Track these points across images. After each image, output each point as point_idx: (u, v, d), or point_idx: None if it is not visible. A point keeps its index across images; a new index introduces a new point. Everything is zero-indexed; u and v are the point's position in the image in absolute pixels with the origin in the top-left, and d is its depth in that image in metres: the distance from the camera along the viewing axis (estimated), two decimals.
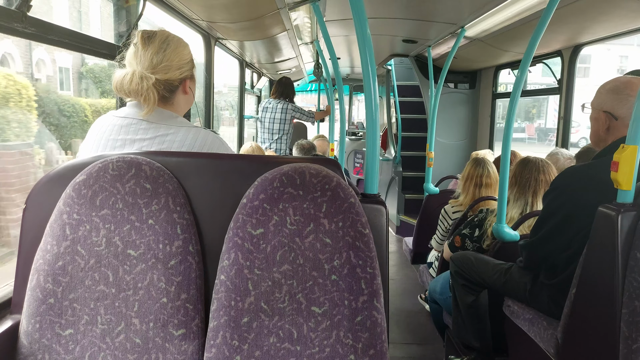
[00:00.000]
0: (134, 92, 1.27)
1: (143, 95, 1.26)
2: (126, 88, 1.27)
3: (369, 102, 1.37)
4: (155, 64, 1.29)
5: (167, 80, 1.31)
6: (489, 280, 2.07)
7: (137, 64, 1.29)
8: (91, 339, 1.10)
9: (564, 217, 1.70)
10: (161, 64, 1.30)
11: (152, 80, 1.27)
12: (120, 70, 1.29)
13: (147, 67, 1.28)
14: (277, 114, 4.69)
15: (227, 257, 1.10)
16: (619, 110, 1.67)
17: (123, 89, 1.27)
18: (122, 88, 1.28)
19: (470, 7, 2.91)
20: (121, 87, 1.28)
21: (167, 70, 1.31)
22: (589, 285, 1.51)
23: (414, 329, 3.31)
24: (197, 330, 1.13)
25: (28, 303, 1.11)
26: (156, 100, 1.29)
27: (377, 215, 1.21)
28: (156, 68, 1.29)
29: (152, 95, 1.27)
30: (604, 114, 1.71)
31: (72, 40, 1.58)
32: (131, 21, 2.05)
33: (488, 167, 2.88)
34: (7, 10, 1.25)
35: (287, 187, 1.11)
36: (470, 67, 5.13)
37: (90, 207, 1.11)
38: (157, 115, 1.31)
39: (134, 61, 1.29)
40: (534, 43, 2.13)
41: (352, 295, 1.09)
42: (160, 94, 1.31)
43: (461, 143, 5.42)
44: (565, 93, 3.58)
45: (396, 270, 4.50)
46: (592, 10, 2.55)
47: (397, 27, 3.82)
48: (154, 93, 1.28)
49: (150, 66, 1.29)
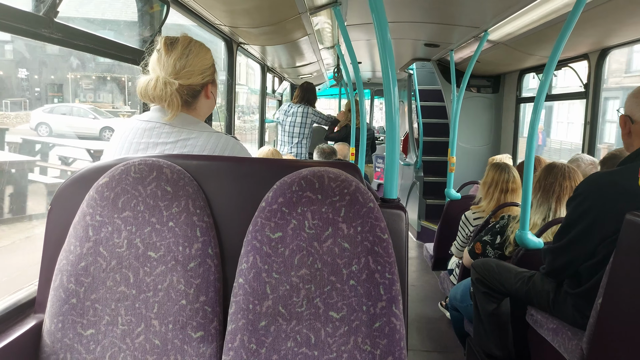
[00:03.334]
0: (158, 98, 1.30)
1: (167, 101, 1.29)
2: (150, 94, 1.30)
3: (389, 106, 1.36)
4: (178, 70, 1.31)
5: (189, 85, 1.34)
6: (511, 288, 2.03)
7: (160, 70, 1.31)
8: (112, 339, 1.11)
9: (589, 224, 1.66)
10: (184, 69, 1.32)
11: (176, 86, 1.29)
12: (145, 76, 1.32)
13: (170, 72, 1.31)
14: (297, 118, 4.72)
15: (245, 260, 1.11)
16: (638, 114, 1.65)
17: (147, 94, 1.30)
18: (146, 94, 1.31)
19: (494, 11, 2.87)
20: (145, 93, 1.31)
21: (190, 76, 1.33)
22: (616, 295, 1.46)
23: (434, 337, 3.27)
24: (215, 333, 1.13)
25: (51, 303, 1.13)
26: (179, 105, 1.31)
27: (397, 220, 1.20)
28: (179, 73, 1.31)
29: (176, 100, 1.30)
30: (624, 117, 1.69)
31: (97, 45, 1.61)
32: (155, 26, 2.09)
33: (512, 172, 2.84)
34: (35, 16, 1.28)
35: (306, 191, 1.11)
36: (494, 71, 5.06)
37: (112, 209, 1.13)
38: (180, 120, 1.33)
39: (158, 67, 1.32)
40: (559, 46, 2.09)
41: (371, 301, 1.08)
42: (183, 99, 1.33)
43: (484, 148, 5.34)
44: (592, 98, 3.50)
45: (417, 276, 4.46)
46: (619, 13, 2.49)
47: (419, 31, 3.79)
48: (177, 98, 1.30)
49: (174, 72, 1.31)
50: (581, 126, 3.62)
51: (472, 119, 5.23)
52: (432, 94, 6.18)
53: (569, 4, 2.38)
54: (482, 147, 5.35)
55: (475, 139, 5.33)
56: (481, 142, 5.35)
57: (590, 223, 1.65)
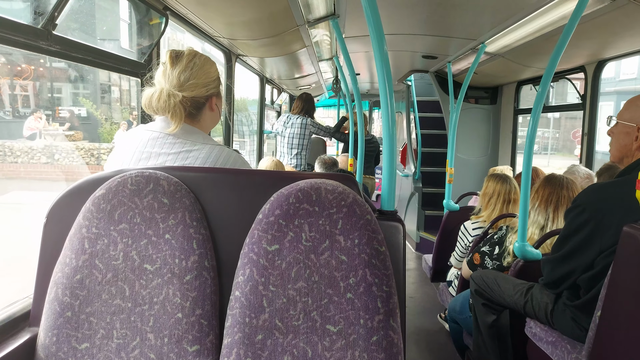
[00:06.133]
0: (162, 109, 1.31)
1: (170, 112, 1.30)
2: (154, 105, 1.31)
3: (386, 118, 1.36)
4: (183, 82, 1.32)
5: (193, 98, 1.35)
6: (509, 300, 2.01)
7: (165, 82, 1.33)
8: (107, 353, 1.10)
9: (587, 235, 1.65)
10: (188, 82, 1.33)
11: (179, 98, 1.31)
12: (150, 88, 1.34)
13: (174, 85, 1.32)
14: (296, 129, 4.73)
15: (242, 273, 1.10)
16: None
17: (152, 106, 1.32)
18: (150, 105, 1.32)
19: (491, 23, 2.90)
20: (149, 105, 1.32)
21: (194, 88, 1.34)
22: (615, 308, 1.46)
23: (433, 349, 3.24)
24: (211, 347, 1.12)
25: (46, 316, 1.12)
26: (183, 117, 1.32)
27: (394, 233, 1.20)
28: (183, 86, 1.33)
29: (179, 111, 1.31)
30: (626, 126, 1.68)
31: (96, 57, 1.62)
32: (153, 39, 2.10)
33: (513, 182, 2.85)
34: (33, 29, 1.29)
35: (303, 203, 1.10)
36: (491, 83, 5.09)
37: (108, 221, 1.12)
38: (184, 131, 1.33)
39: (163, 79, 1.34)
40: (556, 58, 2.10)
41: (368, 314, 1.07)
42: (187, 111, 1.34)
43: (482, 159, 5.35)
44: (589, 109, 3.52)
45: (415, 288, 4.43)
46: (615, 26, 2.51)
47: (417, 43, 3.82)
48: (181, 110, 1.32)
49: (178, 84, 1.32)
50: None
51: (470, 130, 5.25)
52: (430, 105, 6.21)
53: (565, 16, 2.40)
54: (480, 158, 5.36)
55: (473, 150, 5.34)
56: (479, 153, 5.36)
57: (589, 234, 1.64)
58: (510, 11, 2.58)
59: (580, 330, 1.68)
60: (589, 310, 1.60)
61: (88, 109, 12.42)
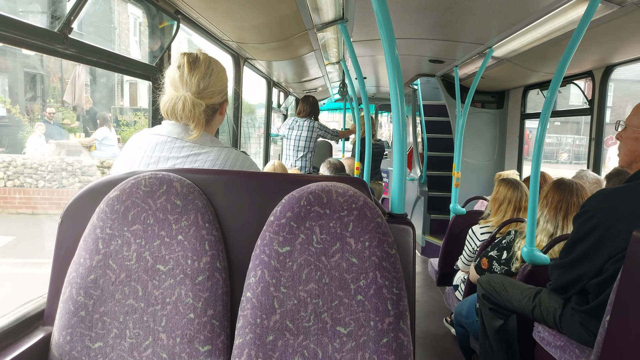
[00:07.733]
0: (186, 118, 1.32)
1: (195, 121, 1.32)
2: (179, 114, 1.32)
3: (397, 121, 1.37)
4: (202, 89, 1.33)
5: (211, 105, 1.37)
6: (517, 305, 2.01)
7: (183, 88, 1.33)
8: (119, 352, 1.12)
9: (595, 241, 1.65)
10: (207, 89, 1.34)
11: (203, 107, 1.32)
12: (168, 95, 1.34)
13: (195, 92, 1.33)
14: (303, 132, 4.74)
15: (253, 274, 1.11)
16: None
17: (175, 114, 1.32)
18: (174, 113, 1.33)
19: (498, 28, 2.90)
20: (173, 113, 1.33)
21: (212, 95, 1.36)
22: (624, 313, 1.45)
23: (439, 353, 3.24)
24: (222, 347, 1.13)
25: (60, 315, 1.14)
26: (204, 124, 1.34)
27: (404, 236, 1.20)
28: (202, 93, 1.34)
29: (202, 119, 1.33)
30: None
31: (109, 61, 1.64)
32: (165, 42, 2.12)
33: (525, 190, 2.82)
34: (49, 32, 1.31)
35: (314, 206, 1.11)
36: (498, 87, 5.08)
37: (122, 222, 1.14)
38: None
39: (181, 85, 1.33)
40: (564, 63, 2.10)
41: (378, 317, 1.08)
42: (205, 118, 1.36)
43: (488, 163, 5.34)
44: (597, 114, 3.51)
45: (421, 291, 4.43)
46: (623, 31, 2.51)
47: (424, 48, 3.83)
48: (203, 118, 1.33)
49: (197, 91, 1.33)
50: None
51: (477, 134, 5.25)
52: (436, 109, 6.21)
53: (574, 22, 2.40)
54: (487, 162, 5.35)
55: (480, 154, 5.33)
56: (486, 157, 5.36)
57: (598, 240, 1.64)
58: (519, 16, 2.59)
59: (589, 336, 1.68)
60: (598, 316, 1.60)
61: (5, 106, 8.53)
